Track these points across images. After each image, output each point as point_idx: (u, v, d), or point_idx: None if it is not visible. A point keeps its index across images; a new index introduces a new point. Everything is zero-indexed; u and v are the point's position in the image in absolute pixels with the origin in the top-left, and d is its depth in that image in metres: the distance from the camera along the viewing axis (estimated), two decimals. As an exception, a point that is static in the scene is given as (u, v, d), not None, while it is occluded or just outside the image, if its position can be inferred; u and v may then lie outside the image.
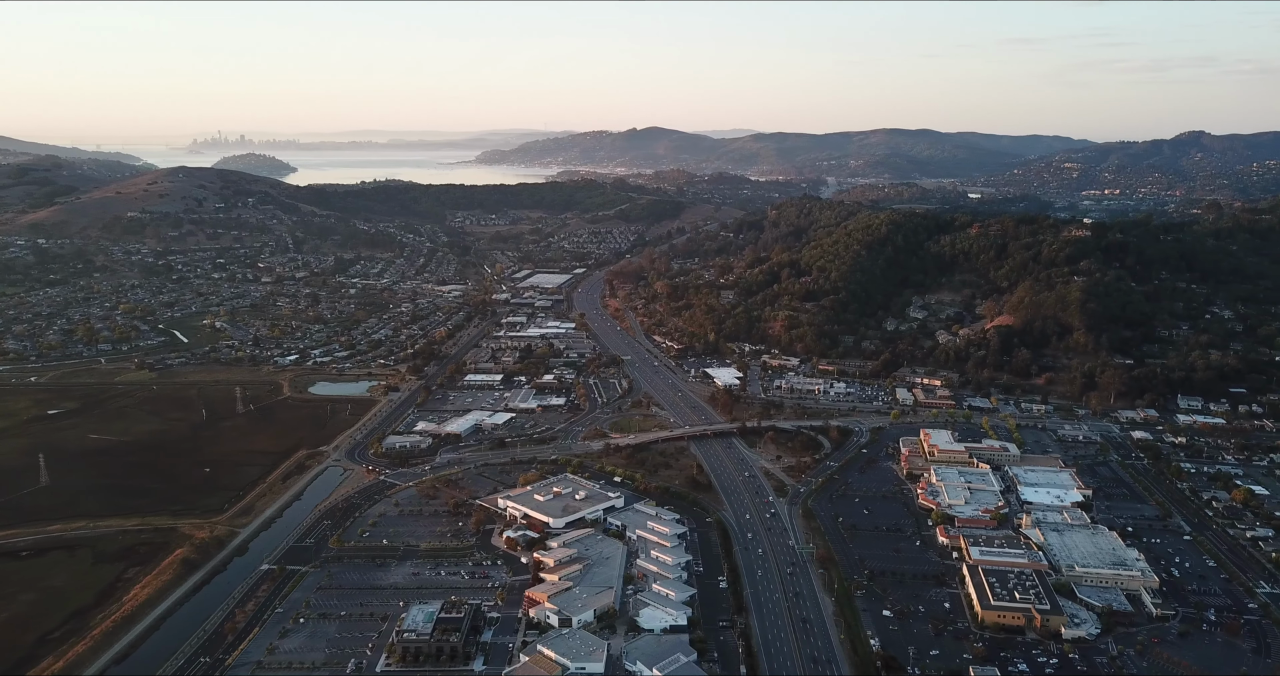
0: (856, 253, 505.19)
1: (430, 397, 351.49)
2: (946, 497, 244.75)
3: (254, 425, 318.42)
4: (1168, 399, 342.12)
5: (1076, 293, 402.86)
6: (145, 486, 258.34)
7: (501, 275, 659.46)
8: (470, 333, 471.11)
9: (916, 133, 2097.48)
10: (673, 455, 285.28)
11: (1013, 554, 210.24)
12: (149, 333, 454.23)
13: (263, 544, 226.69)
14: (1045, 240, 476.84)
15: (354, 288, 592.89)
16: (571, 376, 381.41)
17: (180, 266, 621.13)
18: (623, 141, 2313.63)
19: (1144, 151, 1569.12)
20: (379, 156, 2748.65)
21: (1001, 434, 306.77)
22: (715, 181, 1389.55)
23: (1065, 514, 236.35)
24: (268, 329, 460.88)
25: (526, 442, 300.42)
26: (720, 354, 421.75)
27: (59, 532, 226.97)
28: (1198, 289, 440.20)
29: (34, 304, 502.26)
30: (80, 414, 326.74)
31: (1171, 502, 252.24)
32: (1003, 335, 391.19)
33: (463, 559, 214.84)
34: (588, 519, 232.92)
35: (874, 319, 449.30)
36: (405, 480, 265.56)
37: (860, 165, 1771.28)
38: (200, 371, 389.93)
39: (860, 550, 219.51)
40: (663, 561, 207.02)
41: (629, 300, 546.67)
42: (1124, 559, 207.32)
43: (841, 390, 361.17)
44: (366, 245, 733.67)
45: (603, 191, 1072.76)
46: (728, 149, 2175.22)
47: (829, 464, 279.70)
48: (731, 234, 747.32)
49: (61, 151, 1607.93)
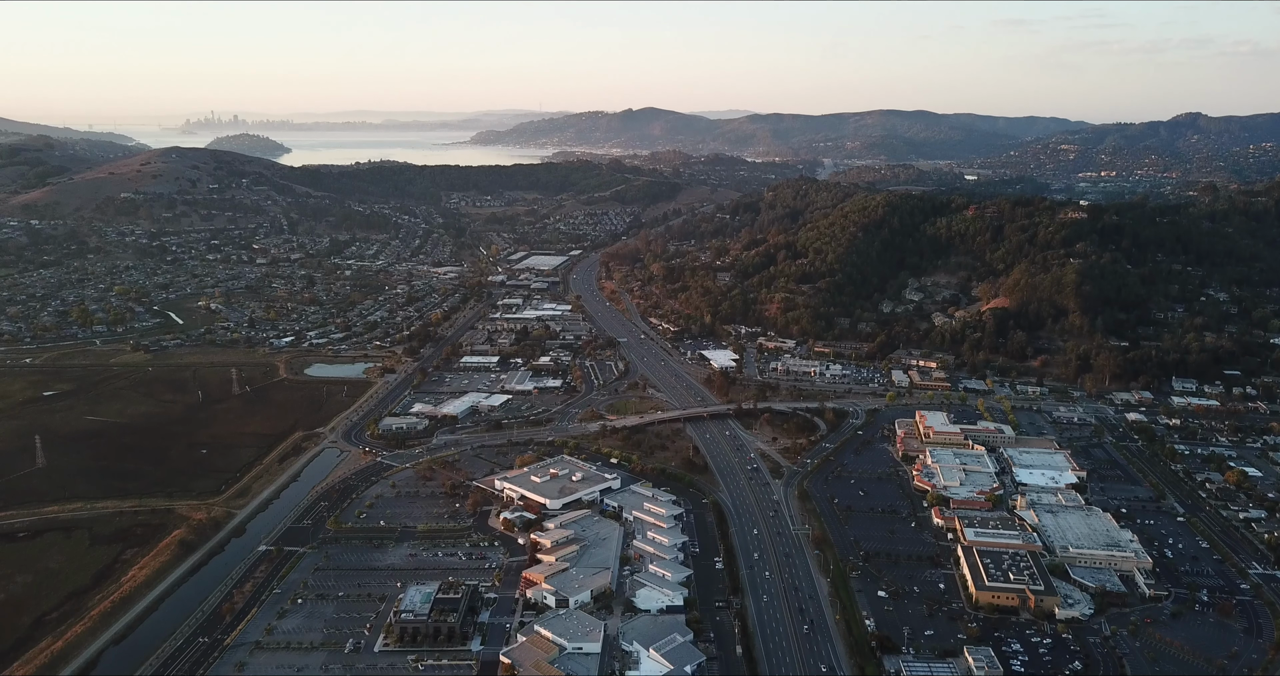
0: (853, 234, 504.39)
1: (426, 379, 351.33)
2: (942, 479, 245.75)
3: (250, 407, 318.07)
4: (1162, 381, 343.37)
5: (1072, 275, 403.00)
6: (141, 468, 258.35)
7: (497, 257, 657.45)
8: (466, 314, 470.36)
9: (913, 114, 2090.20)
10: (669, 437, 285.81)
11: (1007, 535, 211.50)
12: (144, 314, 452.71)
13: (260, 525, 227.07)
14: (1041, 222, 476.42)
15: (349, 269, 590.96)
16: (568, 358, 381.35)
17: (175, 248, 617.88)
18: (618, 122, 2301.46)
19: (1141, 133, 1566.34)
20: (373, 137, 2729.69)
21: (997, 416, 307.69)
22: (711, 163, 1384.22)
23: (1060, 495, 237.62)
24: (263, 311, 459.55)
25: (523, 424, 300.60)
26: (716, 336, 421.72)
27: (55, 514, 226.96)
28: (1193, 271, 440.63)
29: (28, 285, 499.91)
30: (76, 396, 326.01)
31: (1165, 484, 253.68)
32: (998, 317, 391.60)
33: (460, 540, 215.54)
34: (584, 500, 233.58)
35: (870, 301, 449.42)
36: (402, 462, 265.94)
37: (856, 147, 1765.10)
38: (195, 353, 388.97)
39: (855, 531, 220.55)
40: (659, 542, 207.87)
41: (625, 282, 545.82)
42: (1118, 540, 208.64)
43: (838, 372, 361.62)
44: (361, 226, 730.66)
45: (598, 172, 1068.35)
46: (724, 130, 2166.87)
47: (825, 445, 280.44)
48: (728, 215, 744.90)
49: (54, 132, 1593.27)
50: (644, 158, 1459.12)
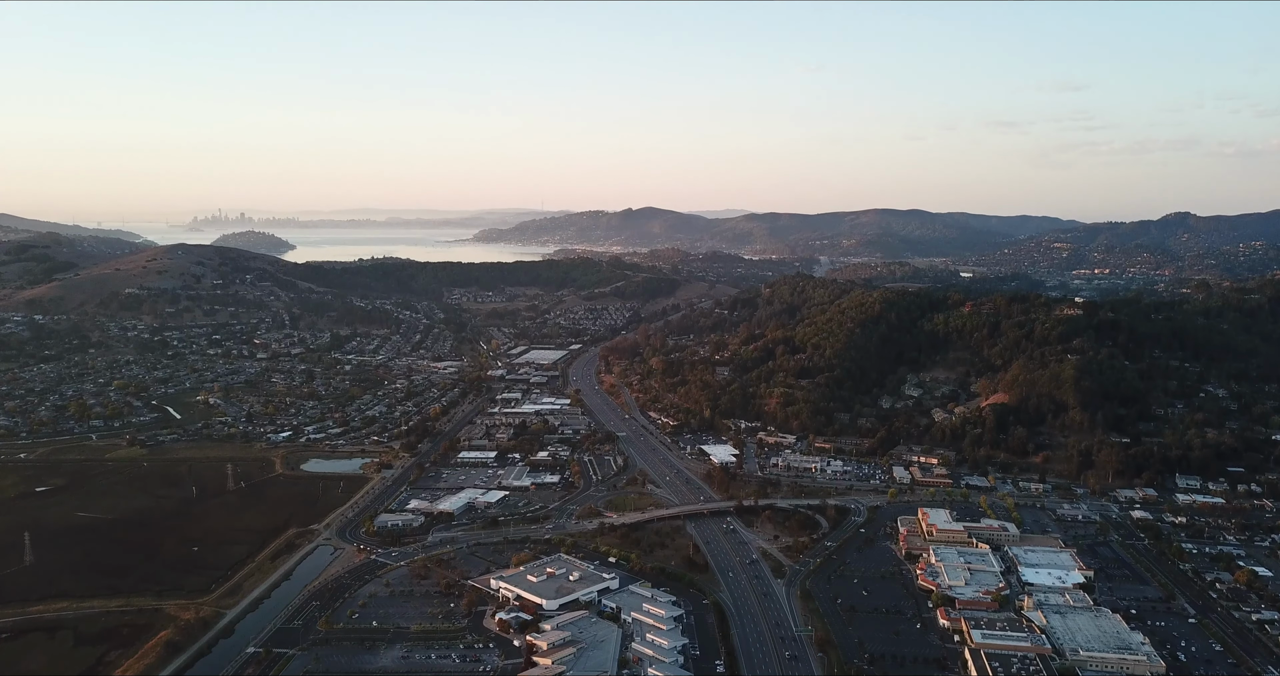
0: (850, 330, 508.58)
1: (424, 475, 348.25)
2: (946, 578, 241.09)
3: (244, 502, 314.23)
4: (1165, 477, 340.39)
5: (1070, 370, 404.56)
6: (131, 565, 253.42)
7: (497, 351, 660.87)
8: (465, 409, 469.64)
9: (907, 213, 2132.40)
10: (668, 534, 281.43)
11: (1015, 637, 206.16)
12: (142, 409, 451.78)
13: (249, 625, 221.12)
14: (1038, 318, 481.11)
15: (349, 364, 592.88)
16: (566, 453, 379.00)
17: (176, 342, 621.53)
18: (618, 221, 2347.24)
19: (1132, 232, 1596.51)
20: (377, 234, 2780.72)
21: (1000, 513, 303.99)
22: (709, 260, 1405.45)
23: (1067, 595, 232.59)
24: (261, 405, 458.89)
25: (520, 521, 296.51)
26: (716, 430, 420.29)
27: (40, 614, 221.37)
28: (1190, 367, 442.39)
29: (27, 379, 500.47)
30: (68, 491, 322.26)
31: (1174, 584, 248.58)
32: (998, 413, 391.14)
33: (454, 641, 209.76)
34: (582, 600, 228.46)
35: (869, 396, 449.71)
36: (397, 560, 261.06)
37: (852, 244, 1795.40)
38: (192, 448, 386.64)
39: (859, 632, 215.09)
40: (659, 644, 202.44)
41: (624, 376, 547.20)
42: (1129, 642, 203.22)
43: (838, 468, 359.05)
44: (363, 322, 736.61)
45: (599, 269, 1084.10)
46: (721, 228, 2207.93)
47: (827, 544, 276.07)
48: (726, 311, 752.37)
49: (63, 229, 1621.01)
50: (643, 255, 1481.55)
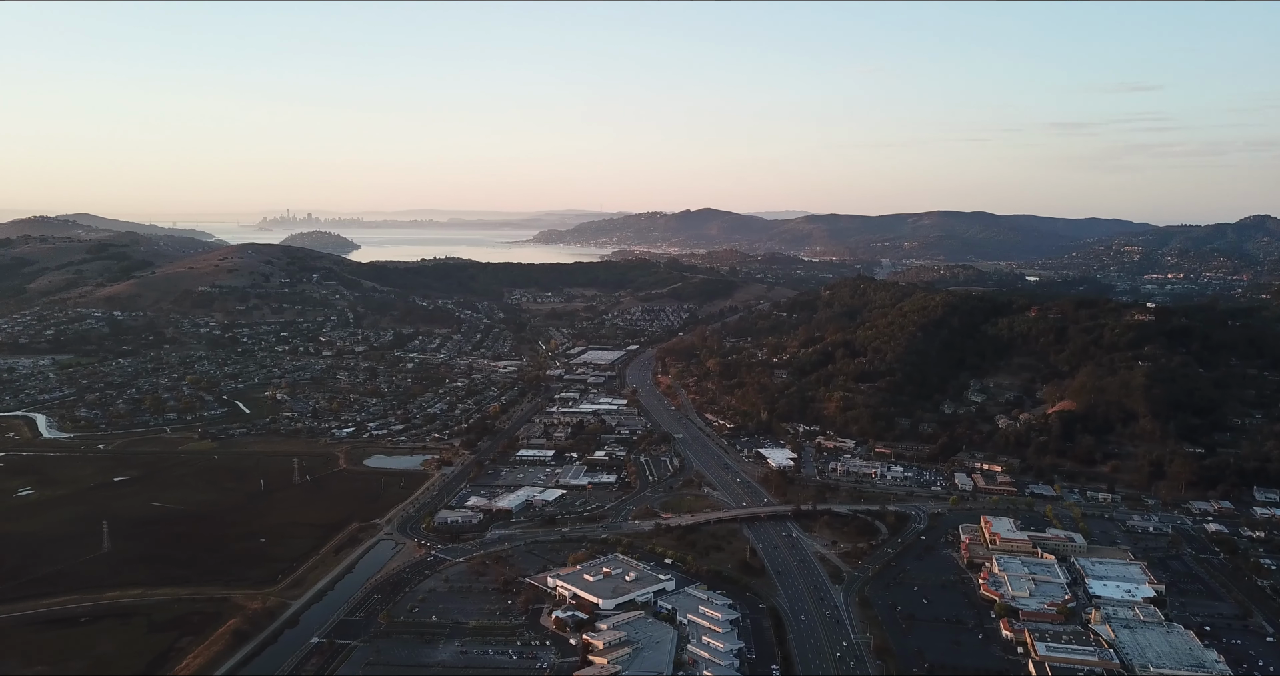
0: (912, 334, 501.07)
1: (483, 473, 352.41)
2: (1010, 589, 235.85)
3: (309, 496, 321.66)
4: (1242, 490, 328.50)
5: (1141, 378, 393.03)
6: (200, 555, 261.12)
7: (555, 351, 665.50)
8: (524, 408, 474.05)
9: (971, 215, 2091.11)
10: (724, 537, 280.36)
11: (1082, 651, 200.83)
12: (213, 403, 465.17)
13: (314, 616, 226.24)
14: (1107, 324, 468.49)
15: (411, 362, 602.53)
16: (623, 453, 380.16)
17: (245, 339, 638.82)
18: (676, 222, 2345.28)
19: (1207, 235, 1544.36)
20: (439, 235, 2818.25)
21: (1066, 523, 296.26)
22: (768, 261, 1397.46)
23: (1137, 609, 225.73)
24: (326, 401, 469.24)
25: (576, 520, 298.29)
26: (773, 433, 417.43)
27: (115, 600, 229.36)
28: (1270, 375, 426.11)
29: (106, 373, 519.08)
30: (142, 482, 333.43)
31: (1251, 601, 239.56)
32: (1064, 420, 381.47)
33: (511, 638, 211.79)
34: (638, 601, 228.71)
35: (930, 401, 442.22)
36: (456, 556, 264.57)
37: (914, 247, 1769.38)
38: (260, 442, 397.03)
39: (918, 642, 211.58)
40: (714, 647, 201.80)
41: (681, 377, 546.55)
42: (1202, 660, 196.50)
43: (899, 474, 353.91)
44: (424, 321, 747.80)
45: (656, 270, 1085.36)
46: (780, 230, 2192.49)
47: (886, 550, 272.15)
48: (784, 313, 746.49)
49: (140, 228, 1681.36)
50: (701, 256, 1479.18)
